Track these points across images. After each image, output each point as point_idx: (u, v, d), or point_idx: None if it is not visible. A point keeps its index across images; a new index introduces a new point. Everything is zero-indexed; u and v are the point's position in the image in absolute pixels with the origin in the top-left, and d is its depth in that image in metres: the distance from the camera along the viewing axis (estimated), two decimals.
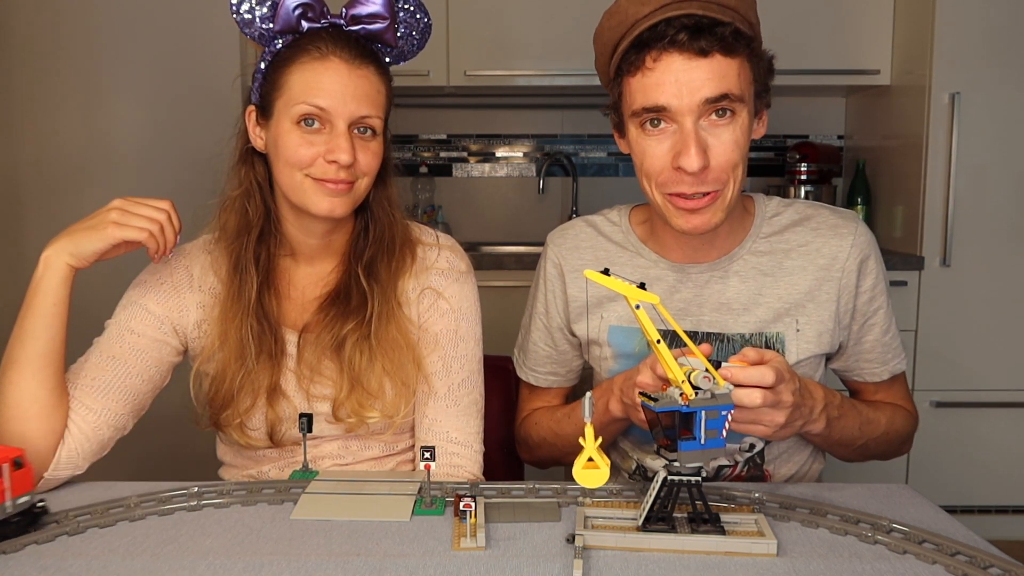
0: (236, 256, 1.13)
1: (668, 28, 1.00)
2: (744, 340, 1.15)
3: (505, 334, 1.47)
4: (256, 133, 1.12)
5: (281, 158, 1.07)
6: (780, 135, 3.14)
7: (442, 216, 3.14)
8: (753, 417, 0.93)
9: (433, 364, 1.16)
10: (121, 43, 2.51)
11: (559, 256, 1.25)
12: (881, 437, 1.17)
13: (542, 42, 2.75)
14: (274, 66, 1.07)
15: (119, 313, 1.14)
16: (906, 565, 0.80)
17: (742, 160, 1.05)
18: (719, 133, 1.03)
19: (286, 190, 1.10)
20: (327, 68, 1.05)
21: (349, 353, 1.11)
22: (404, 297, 1.17)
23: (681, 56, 1.00)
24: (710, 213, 1.06)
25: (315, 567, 0.80)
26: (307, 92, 1.04)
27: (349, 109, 1.05)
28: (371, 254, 1.15)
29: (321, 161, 1.05)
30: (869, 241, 1.18)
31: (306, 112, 1.04)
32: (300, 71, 1.05)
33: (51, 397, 1.03)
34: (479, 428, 1.19)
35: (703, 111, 1.01)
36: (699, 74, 1.00)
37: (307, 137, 1.05)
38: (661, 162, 1.05)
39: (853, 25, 2.72)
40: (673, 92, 1.01)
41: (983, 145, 2.47)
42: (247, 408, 1.12)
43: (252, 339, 1.10)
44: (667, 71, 1.01)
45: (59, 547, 0.85)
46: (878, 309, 1.19)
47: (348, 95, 1.05)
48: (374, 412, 1.12)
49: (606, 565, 0.80)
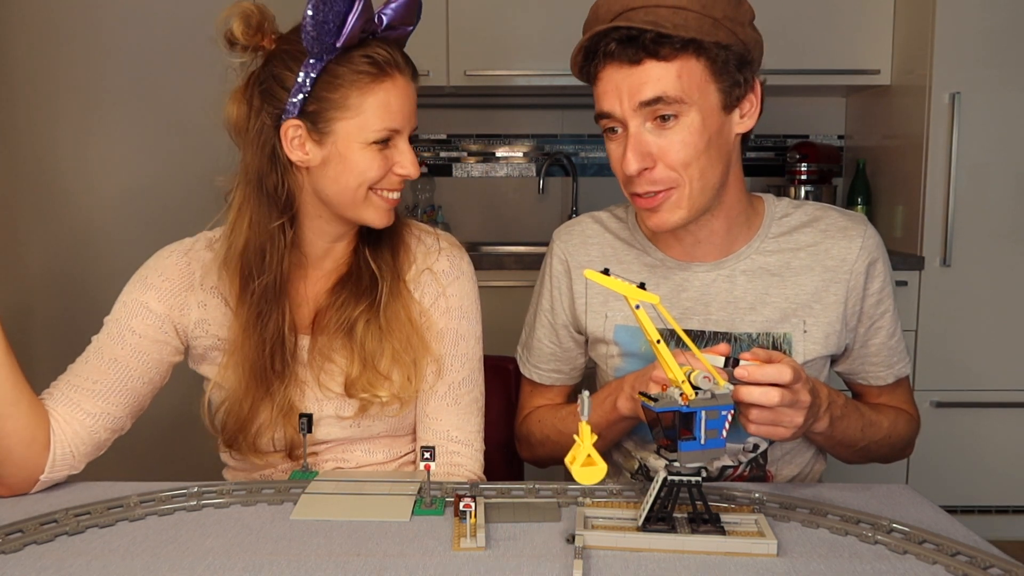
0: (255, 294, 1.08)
1: (601, 41, 1.05)
2: (751, 340, 1.15)
3: (506, 334, 1.47)
4: (297, 146, 1.06)
5: (352, 175, 1.06)
6: (780, 135, 3.14)
7: (442, 216, 3.14)
8: (773, 418, 0.93)
9: (433, 364, 1.16)
10: (121, 45, 2.51)
11: (566, 252, 1.25)
12: (883, 440, 1.17)
13: (542, 42, 2.75)
14: (332, 84, 1.03)
15: (118, 310, 1.13)
16: (906, 565, 0.80)
17: (696, 159, 1.05)
18: (666, 135, 1.05)
19: (342, 205, 1.08)
20: (397, 87, 1.06)
21: (360, 335, 1.11)
22: (410, 284, 1.17)
23: (615, 65, 1.05)
24: (667, 211, 1.08)
25: (315, 567, 0.80)
26: (385, 117, 1.05)
27: (412, 122, 1.09)
28: (378, 236, 1.17)
29: (391, 176, 1.08)
30: (878, 244, 1.18)
31: (384, 135, 1.06)
32: (374, 94, 1.04)
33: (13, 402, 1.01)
34: (480, 427, 1.19)
35: (645, 115, 1.05)
36: (631, 81, 1.04)
37: (380, 156, 1.06)
38: (618, 164, 1.09)
39: (853, 25, 2.72)
40: (614, 99, 1.06)
41: (983, 145, 2.47)
42: (262, 428, 1.11)
43: (273, 371, 1.10)
44: (608, 80, 1.06)
45: (59, 547, 0.84)
46: (885, 312, 1.19)
47: (412, 112, 1.09)
48: (384, 391, 1.12)
49: (606, 565, 0.80)
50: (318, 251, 1.16)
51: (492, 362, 1.44)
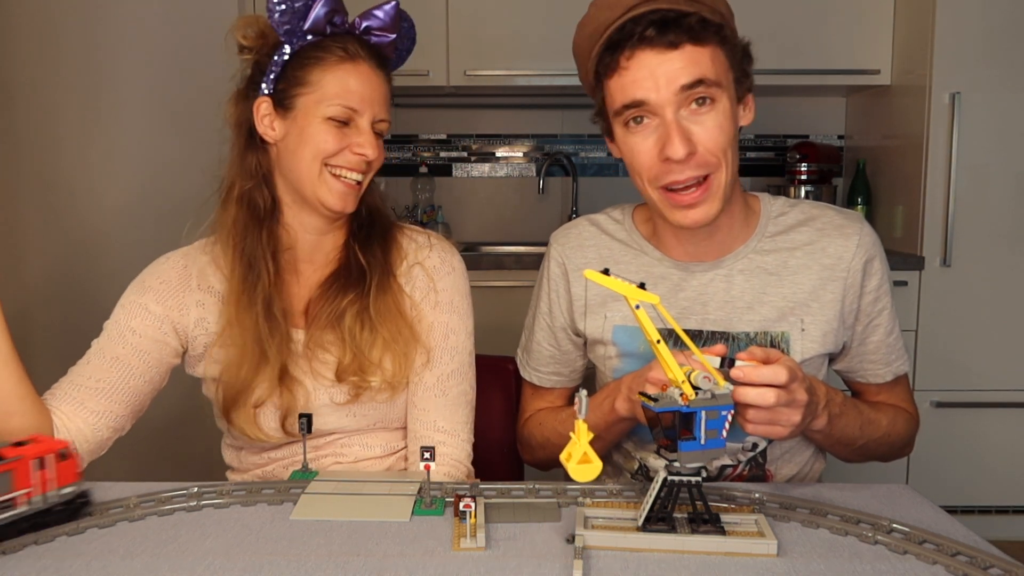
0: (247, 249, 1.14)
1: (635, 26, 1.03)
2: (749, 339, 1.15)
3: (505, 334, 1.47)
4: (267, 124, 1.13)
5: (308, 148, 1.11)
6: (780, 135, 3.14)
7: (442, 216, 3.14)
8: (770, 417, 0.93)
9: (423, 355, 1.18)
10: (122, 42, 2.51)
11: (563, 255, 1.26)
12: (882, 438, 1.17)
13: (542, 42, 2.75)
14: (299, 64, 1.11)
15: (118, 313, 1.15)
16: (906, 565, 0.80)
17: (730, 145, 1.07)
18: (701, 120, 1.05)
19: (300, 181, 1.12)
20: (359, 71, 1.11)
21: (349, 324, 1.14)
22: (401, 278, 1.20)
23: (652, 51, 1.04)
24: (707, 205, 1.08)
25: (315, 567, 0.80)
26: (342, 94, 1.10)
27: (374, 110, 1.13)
28: (366, 234, 1.20)
29: (347, 152, 1.11)
30: (874, 242, 1.18)
31: (340, 112, 1.10)
32: (333, 72, 1.10)
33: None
34: (467, 418, 1.21)
35: (681, 101, 1.04)
36: (671, 65, 1.03)
37: (337, 131, 1.11)
38: (649, 157, 1.07)
39: (853, 25, 2.72)
40: (649, 86, 1.04)
41: (983, 145, 2.47)
42: (260, 398, 1.13)
43: (267, 331, 1.12)
44: (641, 67, 1.04)
45: (59, 547, 0.85)
46: (882, 310, 1.19)
47: (374, 98, 1.12)
48: (375, 377, 1.14)
49: (606, 565, 0.80)
50: (306, 245, 1.19)
51: (492, 362, 1.44)
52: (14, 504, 0.84)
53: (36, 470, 0.86)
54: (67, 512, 0.89)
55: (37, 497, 0.86)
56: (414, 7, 1.27)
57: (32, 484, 0.86)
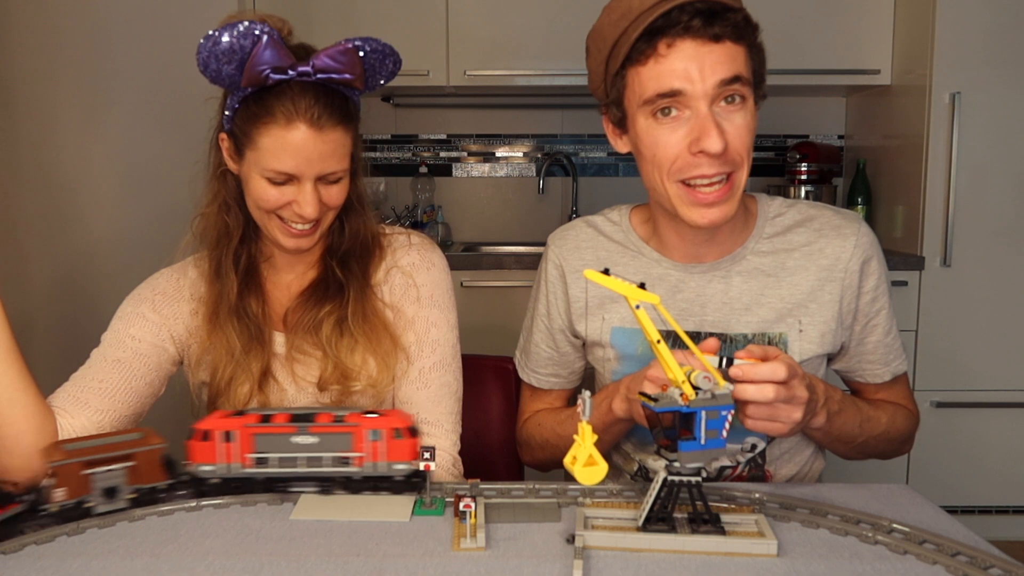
0: (217, 260, 1.17)
1: (682, 15, 1.01)
2: (747, 340, 1.15)
3: (505, 335, 1.47)
4: (227, 156, 1.14)
5: (251, 197, 1.12)
6: (780, 135, 3.14)
7: (442, 216, 3.14)
8: (770, 414, 0.93)
9: (404, 356, 1.19)
10: (123, 43, 2.50)
11: (560, 257, 1.25)
12: (882, 435, 1.17)
13: (542, 42, 2.75)
14: (245, 114, 1.07)
15: (115, 324, 1.18)
16: (907, 566, 0.80)
17: (752, 146, 1.07)
18: (732, 118, 1.04)
19: (257, 219, 1.14)
20: (294, 136, 1.05)
21: (327, 333, 1.15)
22: (378, 287, 1.21)
23: (695, 42, 1.02)
24: (727, 205, 1.08)
25: (315, 567, 0.80)
26: (275, 159, 1.06)
27: (315, 169, 1.07)
28: (346, 248, 1.20)
29: (289, 208, 1.10)
30: (872, 242, 1.18)
31: (276, 176, 1.07)
32: (268, 135, 1.05)
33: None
34: (452, 410, 1.21)
35: (716, 96, 1.03)
36: (713, 58, 1.02)
37: (277, 189, 1.09)
38: (676, 149, 1.05)
39: (853, 25, 2.72)
40: (688, 76, 1.02)
41: (983, 145, 2.47)
42: (241, 401, 1.15)
43: (236, 335, 1.15)
44: (681, 57, 1.02)
45: (59, 547, 0.85)
46: (880, 310, 1.19)
47: (314, 158, 1.06)
48: (358, 383, 1.16)
49: (606, 565, 0.80)
50: (283, 258, 1.21)
51: (492, 362, 1.44)
52: (354, 464, 0.93)
53: (370, 440, 0.92)
54: (403, 484, 0.95)
55: (368, 464, 0.93)
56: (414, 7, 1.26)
57: (364, 451, 0.92)
